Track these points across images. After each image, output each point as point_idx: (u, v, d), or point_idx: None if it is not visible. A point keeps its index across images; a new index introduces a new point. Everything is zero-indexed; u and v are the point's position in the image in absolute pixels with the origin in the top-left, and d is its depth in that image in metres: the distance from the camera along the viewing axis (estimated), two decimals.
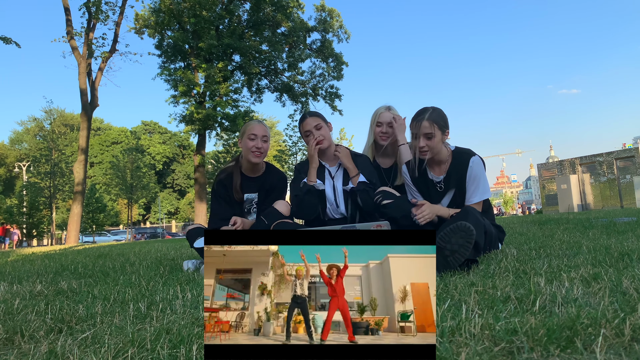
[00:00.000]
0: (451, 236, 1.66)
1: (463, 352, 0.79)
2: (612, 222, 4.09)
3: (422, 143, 2.16)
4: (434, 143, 2.16)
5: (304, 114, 2.59)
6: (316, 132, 2.48)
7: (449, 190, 2.26)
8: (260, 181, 2.67)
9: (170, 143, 60.54)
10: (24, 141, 50.36)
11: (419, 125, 2.16)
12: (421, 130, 2.15)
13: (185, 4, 19.05)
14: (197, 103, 19.88)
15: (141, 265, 3.05)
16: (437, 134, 2.15)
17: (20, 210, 32.97)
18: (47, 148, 34.33)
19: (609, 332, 0.84)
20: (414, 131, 2.20)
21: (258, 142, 2.54)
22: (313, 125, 2.49)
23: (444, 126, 2.19)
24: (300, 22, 21.56)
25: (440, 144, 2.19)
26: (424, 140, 2.16)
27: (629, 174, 17.22)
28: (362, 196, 2.43)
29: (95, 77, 18.25)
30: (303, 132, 2.54)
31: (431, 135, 2.14)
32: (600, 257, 1.79)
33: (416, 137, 2.19)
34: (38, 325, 1.22)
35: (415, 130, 2.18)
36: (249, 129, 2.57)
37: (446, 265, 1.67)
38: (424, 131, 2.15)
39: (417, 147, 2.20)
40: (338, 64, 22.47)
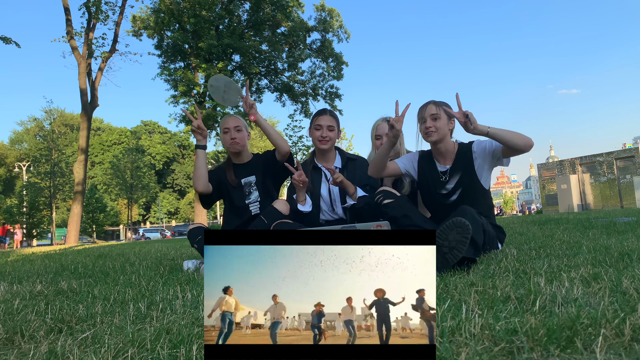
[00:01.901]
0: (448, 233, 1.67)
1: (463, 352, 0.79)
2: (612, 222, 4.09)
3: (429, 123, 2.23)
4: (439, 124, 2.22)
5: (325, 109, 2.69)
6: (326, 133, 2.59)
7: (454, 175, 2.30)
8: (251, 164, 2.78)
9: (170, 143, 60.53)
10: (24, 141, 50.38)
11: (425, 108, 2.25)
12: (427, 112, 2.24)
13: (185, 4, 19.05)
14: (197, 103, 19.88)
15: (141, 265, 3.05)
16: (443, 117, 2.22)
17: (20, 210, 32.97)
18: (47, 148, 34.32)
19: (609, 332, 0.84)
20: (420, 115, 2.28)
21: (232, 133, 2.68)
22: (327, 124, 2.60)
23: (449, 114, 2.23)
24: (300, 22, 21.55)
25: (446, 128, 2.26)
26: (430, 121, 2.23)
27: (629, 174, 17.21)
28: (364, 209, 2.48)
29: (95, 77, 18.24)
30: (315, 124, 2.63)
31: (437, 116, 2.22)
32: (600, 257, 1.79)
33: (423, 121, 2.26)
34: (38, 325, 1.22)
35: (421, 114, 2.27)
36: (221, 124, 2.73)
37: (445, 263, 1.67)
38: (430, 112, 2.23)
39: (423, 129, 2.27)
40: (338, 64, 22.46)
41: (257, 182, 2.73)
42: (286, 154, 2.61)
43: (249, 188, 2.74)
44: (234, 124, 2.69)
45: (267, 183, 2.74)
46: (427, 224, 2.24)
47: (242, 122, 2.74)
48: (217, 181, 2.75)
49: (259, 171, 2.75)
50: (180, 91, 19.62)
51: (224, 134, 2.70)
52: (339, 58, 22.35)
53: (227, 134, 2.69)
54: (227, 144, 2.71)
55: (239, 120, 2.74)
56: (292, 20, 21.20)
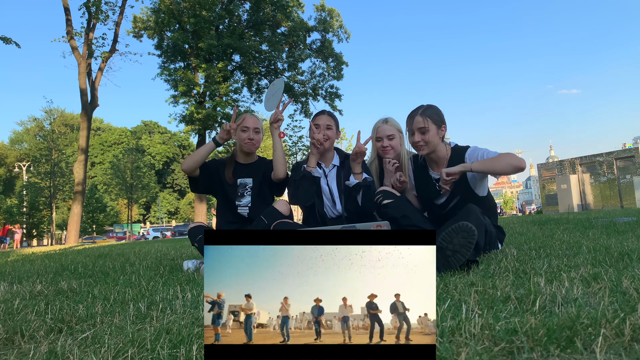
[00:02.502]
0: (453, 236, 1.66)
1: (463, 352, 0.79)
2: (612, 222, 4.09)
3: (416, 138, 2.22)
4: (428, 137, 2.20)
5: (323, 110, 2.69)
6: (324, 132, 2.57)
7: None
8: (253, 167, 2.77)
9: (170, 143, 60.54)
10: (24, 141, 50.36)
11: (412, 121, 2.22)
12: (415, 125, 2.21)
13: (185, 4, 19.05)
14: (197, 103, 19.88)
15: (141, 265, 3.05)
16: (432, 128, 2.20)
17: (20, 210, 32.99)
18: (47, 148, 34.34)
19: (609, 332, 0.84)
20: (408, 128, 2.27)
21: (250, 134, 2.68)
22: (325, 123, 2.59)
23: (438, 121, 2.22)
24: (300, 22, 21.56)
25: (436, 139, 2.23)
26: (418, 135, 2.21)
27: (629, 174, 17.21)
28: (365, 192, 2.46)
29: (95, 77, 18.25)
30: (313, 124, 2.62)
31: (425, 129, 2.19)
32: (600, 257, 1.79)
33: (412, 134, 2.24)
34: (38, 325, 1.22)
35: (409, 126, 2.25)
36: (241, 121, 2.70)
37: (447, 265, 1.67)
38: (417, 126, 2.20)
39: (412, 142, 2.26)
40: (338, 64, 22.46)
41: (253, 186, 2.72)
42: (280, 180, 2.61)
43: (243, 190, 2.73)
44: (254, 125, 2.69)
45: (263, 189, 2.73)
46: (427, 224, 2.24)
47: (260, 124, 2.74)
48: (213, 172, 2.74)
49: (257, 175, 2.73)
50: (180, 91, 19.63)
51: (242, 132, 2.68)
52: (339, 58, 22.35)
53: (245, 133, 2.67)
54: (242, 142, 2.69)
55: (259, 122, 2.74)
56: (292, 20, 21.20)
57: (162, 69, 20.36)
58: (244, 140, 2.68)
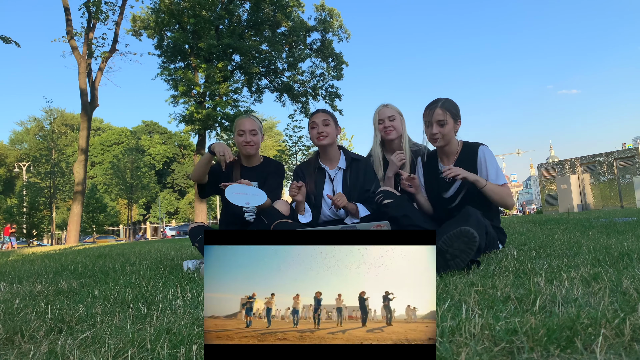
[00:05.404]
0: (454, 241, 1.65)
1: (463, 352, 0.79)
2: (612, 222, 4.09)
3: (434, 130, 2.22)
4: (446, 130, 2.22)
5: (318, 109, 2.71)
6: (322, 128, 2.59)
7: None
8: (258, 170, 2.78)
9: (170, 143, 60.53)
10: (24, 141, 50.40)
11: (432, 113, 2.23)
12: (434, 118, 2.22)
13: (185, 4, 19.06)
14: (197, 103, 19.89)
15: (141, 265, 3.05)
16: (450, 122, 2.22)
17: (20, 210, 32.98)
18: (47, 148, 34.31)
19: (609, 332, 0.84)
20: (426, 119, 2.26)
21: (247, 137, 2.68)
22: (322, 119, 2.60)
23: (456, 115, 2.24)
24: (300, 22, 21.57)
25: (452, 133, 2.25)
26: (436, 127, 2.22)
27: (629, 174, 17.21)
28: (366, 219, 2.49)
29: (95, 77, 18.25)
30: (310, 125, 2.65)
31: (444, 122, 2.21)
32: (600, 257, 1.79)
33: (429, 125, 2.24)
34: (38, 325, 1.22)
35: (428, 118, 2.24)
36: (237, 125, 2.72)
37: (446, 268, 1.67)
38: (437, 118, 2.21)
39: (429, 134, 2.26)
40: (338, 64, 22.48)
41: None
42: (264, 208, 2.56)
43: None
44: (250, 127, 2.68)
45: (264, 189, 2.72)
46: (428, 223, 2.24)
47: (257, 125, 2.72)
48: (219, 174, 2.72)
49: (262, 178, 2.73)
50: (180, 91, 19.64)
51: (239, 136, 2.68)
52: (339, 58, 22.36)
53: (241, 137, 2.67)
54: (240, 145, 2.69)
55: (255, 123, 2.72)
56: (292, 20, 21.21)
57: (162, 69, 20.37)
58: (241, 144, 2.69)
